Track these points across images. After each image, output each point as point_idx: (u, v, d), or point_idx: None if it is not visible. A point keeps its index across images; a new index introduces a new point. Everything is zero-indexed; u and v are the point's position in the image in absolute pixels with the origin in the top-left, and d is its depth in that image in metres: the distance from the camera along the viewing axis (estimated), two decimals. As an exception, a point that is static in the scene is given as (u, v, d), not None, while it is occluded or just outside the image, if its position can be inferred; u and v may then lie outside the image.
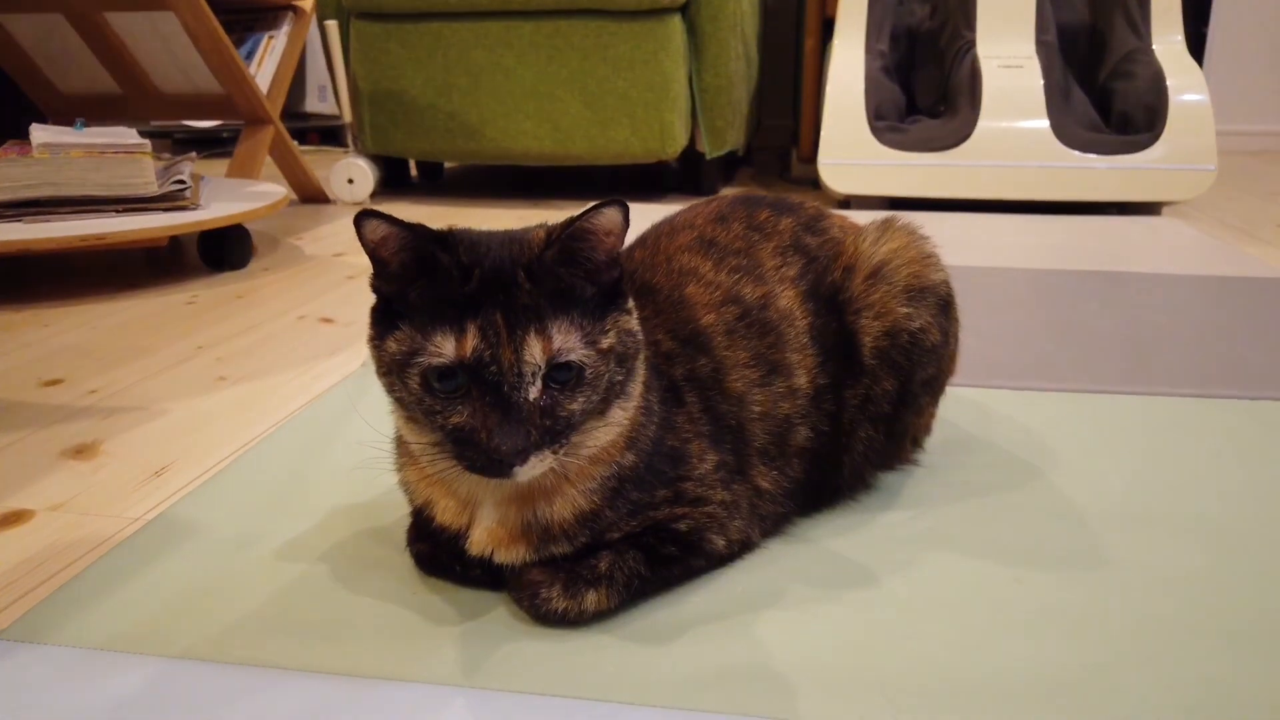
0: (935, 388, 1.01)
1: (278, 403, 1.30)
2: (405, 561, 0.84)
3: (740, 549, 0.87)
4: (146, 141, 2.11)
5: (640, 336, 0.73)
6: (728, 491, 0.84)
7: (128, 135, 2.14)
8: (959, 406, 1.21)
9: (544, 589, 0.73)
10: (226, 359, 1.56)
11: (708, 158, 3.10)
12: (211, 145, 4.47)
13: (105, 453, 1.14)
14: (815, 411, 0.88)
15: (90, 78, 2.77)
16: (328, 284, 2.07)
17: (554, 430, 0.67)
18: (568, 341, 0.66)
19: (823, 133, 2.81)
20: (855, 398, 0.90)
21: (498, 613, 0.77)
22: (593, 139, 2.95)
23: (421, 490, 0.80)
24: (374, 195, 3.01)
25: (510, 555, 0.75)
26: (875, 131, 2.77)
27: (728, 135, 3.10)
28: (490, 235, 0.70)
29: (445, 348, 0.65)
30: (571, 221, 0.66)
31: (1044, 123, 2.72)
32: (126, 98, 2.81)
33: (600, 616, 0.75)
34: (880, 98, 2.85)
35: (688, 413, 0.84)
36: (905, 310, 0.91)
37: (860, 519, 0.93)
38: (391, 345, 0.68)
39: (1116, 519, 0.93)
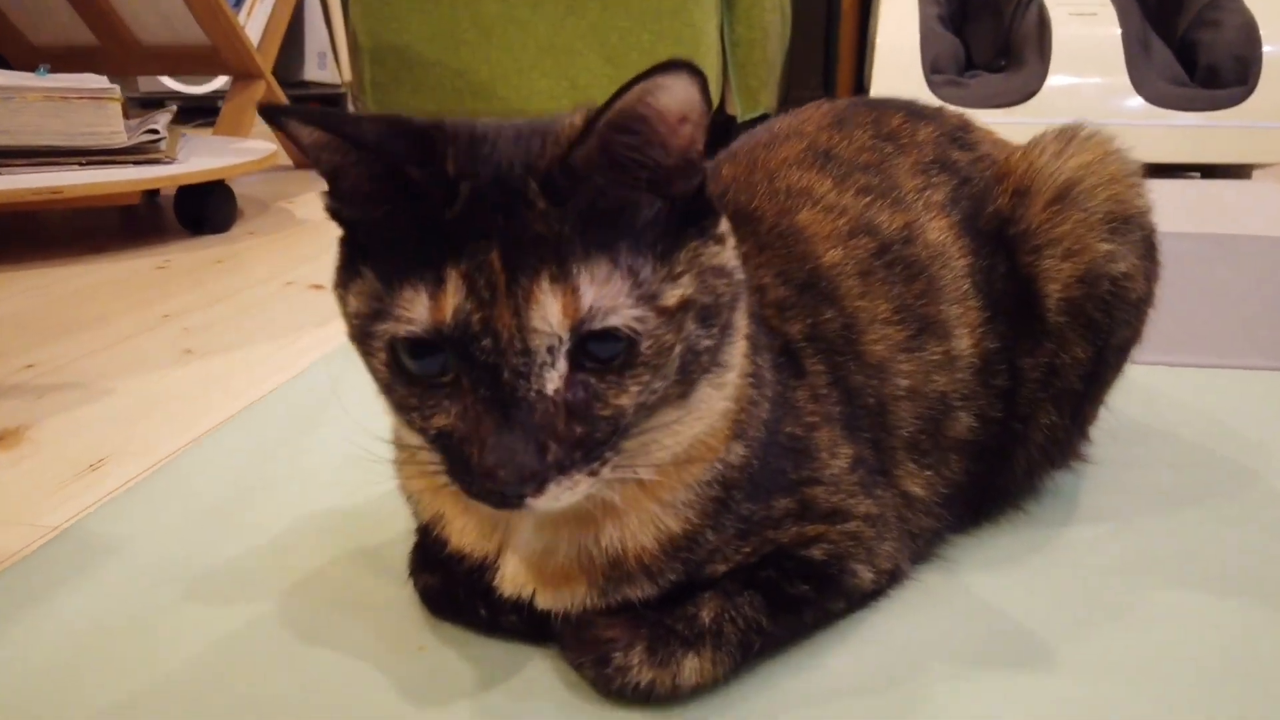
0: (1124, 357, 0.75)
1: (250, 381, 1.14)
2: (407, 599, 0.64)
3: (889, 581, 0.62)
4: (115, 86, 1.85)
5: (739, 276, 0.53)
6: (871, 500, 0.59)
7: (94, 80, 1.88)
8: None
9: (618, 651, 0.53)
10: (195, 330, 1.36)
11: (739, 120, 2.84)
12: (208, 115, 4.21)
13: (30, 441, 0.98)
14: (981, 389, 0.69)
15: (64, 26, 2.53)
16: (321, 247, 1.85)
17: (589, 440, 0.47)
18: (607, 295, 0.45)
19: (872, 89, 2.55)
20: (1035, 369, 0.70)
21: (543, 681, 0.57)
22: (614, 97, 2.70)
23: (430, 501, 0.60)
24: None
25: (563, 599, 0.56)
26: (933, 86, 2.52)
27: (761, 96, 2.84)
28: (504, 127, 0.50)
29: (415, 308, 0.46)
30: (616, 98, 0.44)
31: (1122, 77, 2.46)
32: (103, 49, 2.58)
33: (702, 691, 0.54)
34: (937, 49, 2.60)
35: (810, 386, 0.60)
36: (1106, 247, 0.66)
37: (1037, 538, 0.73)
38: (353, 300, 0.50)
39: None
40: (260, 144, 2.17)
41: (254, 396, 1.08)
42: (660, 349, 0.47)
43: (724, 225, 0.52)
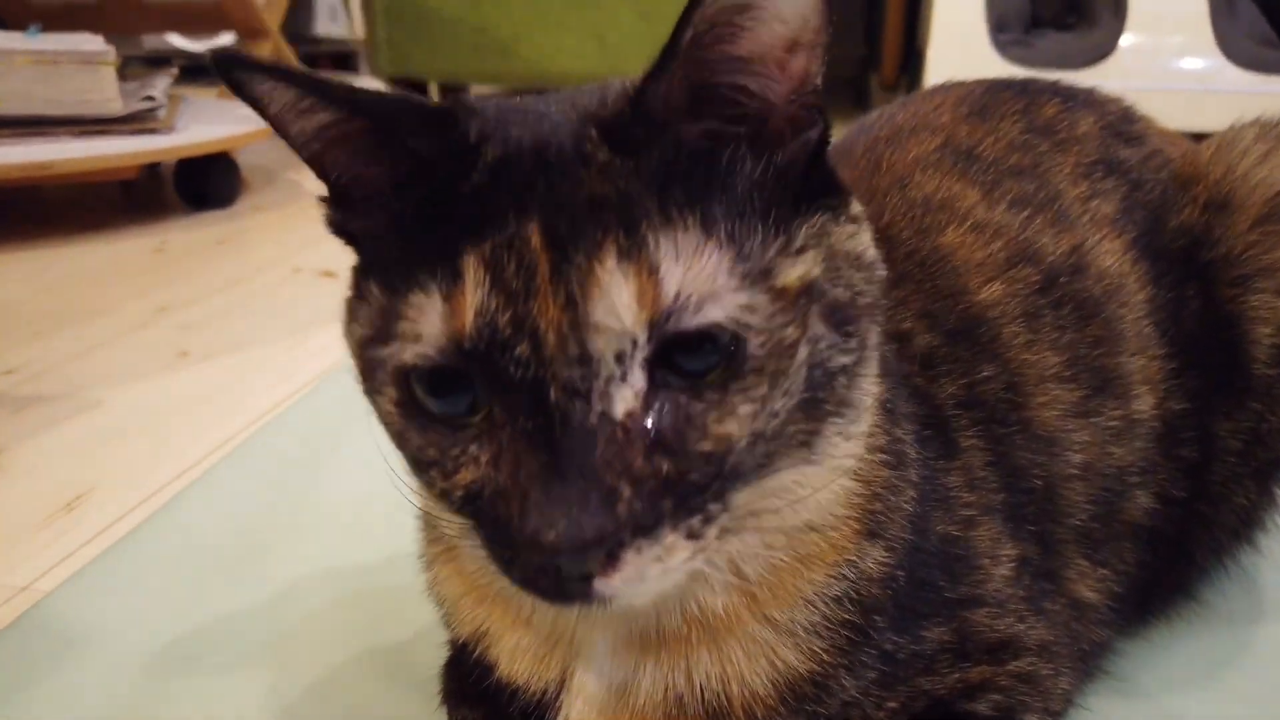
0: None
1: (256, 389, 1.03)
2: None
3: None
4: (110, 49, 1.70)
5: (881, 273, 0.40)
6: (1043, 621, 0.45)
7: (88, 42, 1.73)
8: None
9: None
10: (193, 326, 1.23)
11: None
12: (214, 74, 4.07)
13: (1, 469, 0.87)
14: (1163, 461, 0.55)
15: (60, -20, 2.36)
16: (332, 227, 1.69)
17: (682, 483, 0.33)
18: (700, 275, 0.33)
19: (930, 49, 2.35)
20: (1235, 436, 0.57)
21: None
22: (647, 57, 2.53)
23: (469, 611, 0.47)
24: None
25: None
26: (999, 46, 2.30)
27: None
28: (547, 94, 0.40)
29: (425, 319, 0.35)
30: (695, 7, 0.33)
31: (1206, 36, 2.24)
32: (102, 6, 2.41)
33: None
34: (1003, 6, 2.38)
35: (966, 468, 0.48)
36: (1334, 279, 0.50)
37: (1226, 641, 0.60)
38: (357, 329, 0.39)
39: None
40: (267, 110, 2.03)
41: (258, 411, 0.96)
42: (778, 349, 0.34)
43: (857, 206, 0.40)
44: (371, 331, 0.37)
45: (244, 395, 1.00)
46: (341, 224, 0.40)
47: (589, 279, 0.32)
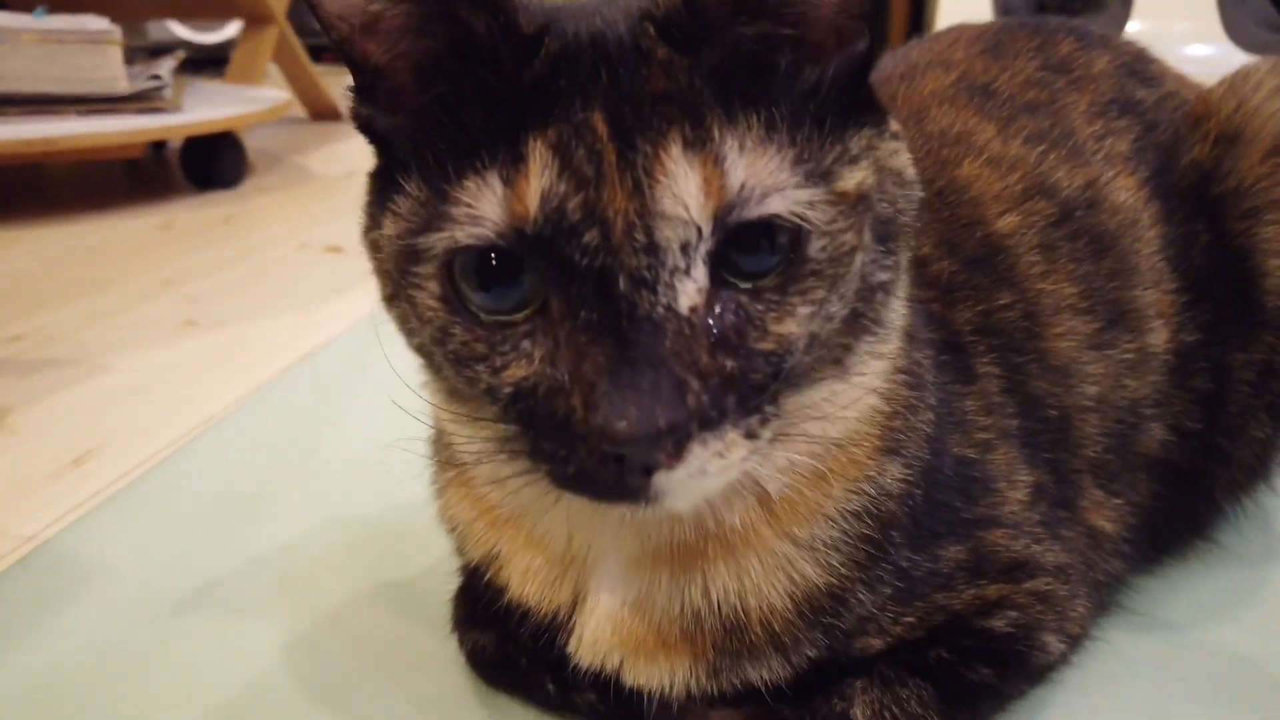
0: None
1: (259, 357, 1.03)
2: (450, 658, 0.51)
3: (1075, 648, 0.47)
4: (115, 28, 1.71)
5: (919, 191, 0.40)
6: (1059, 545, 0.45)
7: (93, 22, 1.74)
8: None
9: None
10: (199, 297, 1.24)
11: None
12: (219, 65, 4.06)
13: (10, 429, 0.87)
14: (1177, 394, 0.55)
15: (63, -34, 2.35)
16: (339, 206, 1.71)
17: (744, 382, 0.34)
18: (764, 168, 0.34)
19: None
20: (1248, 368, 0.57)
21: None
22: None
23: (483, 535, 0.46)
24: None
25: (659, 674, 0.43)
26: (1002, 31, 2.30)
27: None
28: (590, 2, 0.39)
29: (483, 201, 0.34)
30: None
31: (1213, 22, 2.23)
32: (107, -8, 2.38)
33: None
34: (1007, -9, 2.37)
35: (982, 393, 0.49)
36: (1342, 212, 0.50)
37: (1240, 580, 0.60)
38: (390, 226, 0.37)
39: None
40: (272, 92, 2.04)
41: (263, 377, 0.96)
42: (837, 253, 0.35)
43: (897, 125, 0.40)
44: (415, 223, 0.36)
45: (251, 362, 1.00)
46: (368, 120, 0.39)
47: (656, 167, 0.32)
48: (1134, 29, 2.29)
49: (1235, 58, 2.26)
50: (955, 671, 0.43)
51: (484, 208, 0.33)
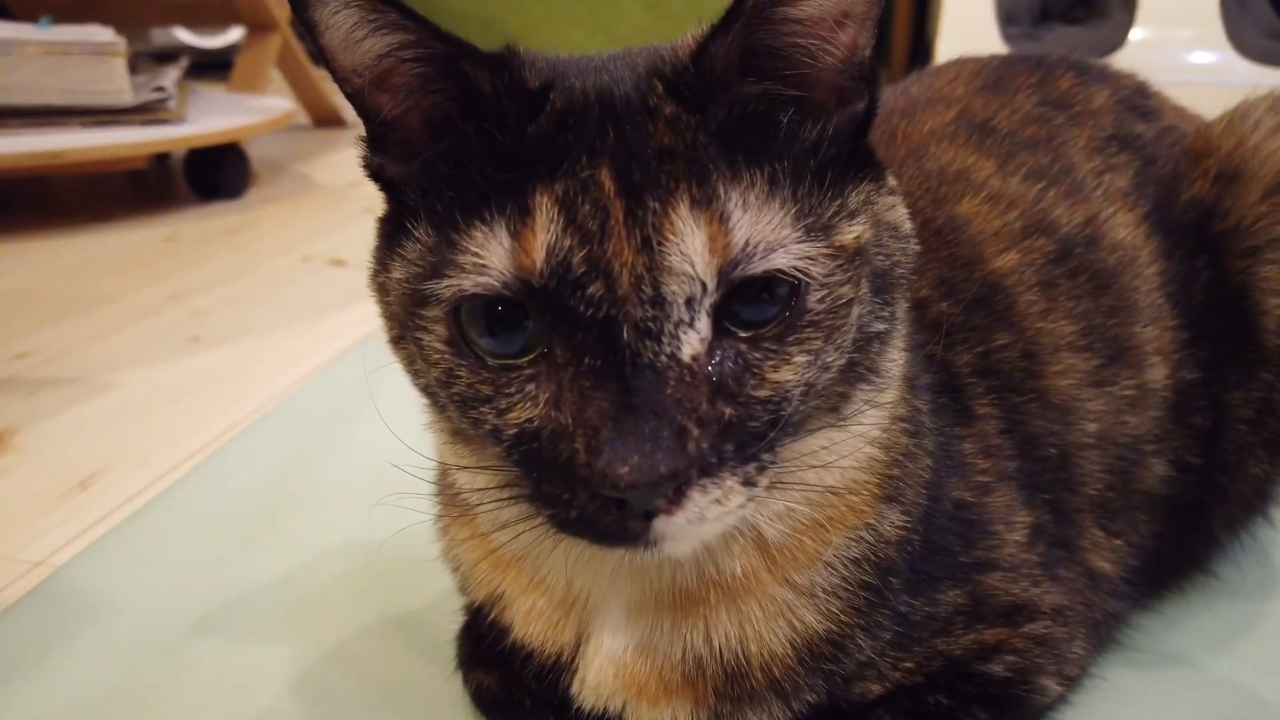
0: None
1: (266, 374, 1.04)
2: (454, 696, 0.51)
3: (1073, 688, 0.47)
4: (120, 40, 1.71)
5: (915, 245, 0.41)
6: (1057, 586, 0.45)
7: (98, 33, 1.74)
8: None
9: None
10: (204, 312, 1.24)
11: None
12: (223, 70, 4.06)
13: (16, 449, 0.88)
14: (1176, 430, 0.55)
15: (70, -26, 2.35)
16: (342, 217, 1.72)
17: (742, 429, 0.35)
18: (766, 225, 0.35)
19: (939, 42, 2.36)
20: (1247, 405, 0.57)
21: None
22: (655, 51, 2.54)
23: (484, 575, 0.47)
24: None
25: (661, 717, 0.44)
26: (1008, 39, 2.30)
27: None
28: (598, 55, 0.40)
29: (490, 251, 0.35)
30: None
31: (1216, 29, 2.23)
32: None
33: None
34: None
35: (980, 435, 0.48)
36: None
37: (1239, 614, 0.60)
38: (398, 270, 0.38)
39: None
40: (276, 102, 2.05)
41: (269, 395, 0.96)
42: (835, 305, 0.36)
43: (894, 180, 0.41)
44: (423, 268, 0.37)
45: (255, 379, 1.01)
46: (379, 168, 0.39)
47: (665, 225, 0.33)
48: (1137, 36, 2.29)
49: (1238, 65, 2.25)
50: (953, 717, 0.43)
51: (491, 258, 0.34)
